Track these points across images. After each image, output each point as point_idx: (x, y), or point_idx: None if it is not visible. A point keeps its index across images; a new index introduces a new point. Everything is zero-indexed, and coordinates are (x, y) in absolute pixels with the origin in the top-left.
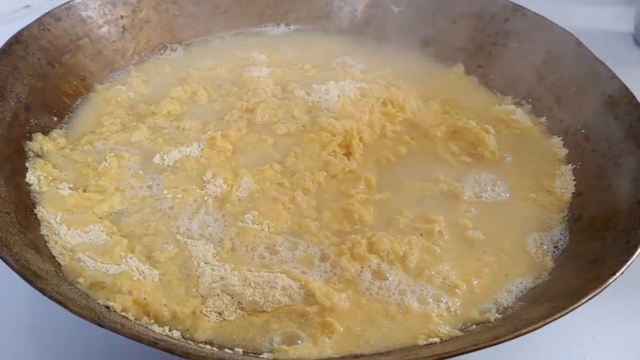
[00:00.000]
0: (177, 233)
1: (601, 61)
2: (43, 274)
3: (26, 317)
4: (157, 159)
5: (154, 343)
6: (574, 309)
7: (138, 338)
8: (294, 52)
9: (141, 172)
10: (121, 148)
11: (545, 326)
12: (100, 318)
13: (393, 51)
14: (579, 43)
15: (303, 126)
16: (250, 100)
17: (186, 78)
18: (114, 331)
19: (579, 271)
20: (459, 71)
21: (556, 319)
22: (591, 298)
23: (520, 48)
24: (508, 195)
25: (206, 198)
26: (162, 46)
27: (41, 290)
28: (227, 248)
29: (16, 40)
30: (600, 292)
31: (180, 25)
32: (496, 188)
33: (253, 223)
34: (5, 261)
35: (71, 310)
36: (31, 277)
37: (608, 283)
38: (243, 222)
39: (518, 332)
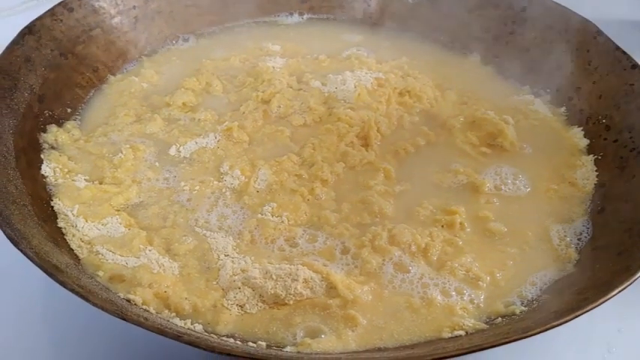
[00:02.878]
0: (195, 225)
1: (622, 50)
2: (63, 267)
3: (40, 309)
4: (172, 151)
5: (177, 336)
6: (605, 301)
7: (161, 332)
8: (308, 43)
9: (157, 163)
10: (136, 139)
11: (567, 321)
12: (122, 311)
13: (407, 41)
14: (599, 32)
15: (319, 117)
16: (265, 91)
17: (199, 69)
18: (137, 325)
19: (606, 262)
20: (476, 61)
21: (587, 311)
22: (622, 289)
23: (538, 37)
24: (529, 186)
25: (224, 190)
26: (175, 37)
27: (62, 283)
28: (247, 240)
29: (28, 30)
30: (631, 284)
31: (192, 16)
32: (517, 181)
33: (272, 215)
34: (25, 254)
35: (93, 304)
36: (51, 270)
37: (638, 275)
38: (262, 214)
39: (550, 325)
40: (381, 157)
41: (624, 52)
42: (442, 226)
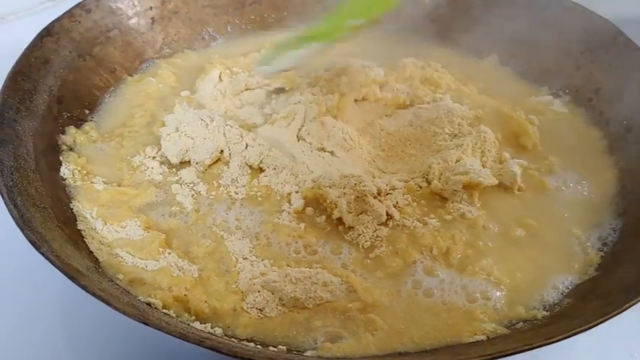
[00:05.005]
0: (213, 224)
1: None
2: (84, 270)
3: (59, 311)
4: None
5: (199, 341)
6: (630, 306)
7: (183, 337)
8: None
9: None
10: (153, 140)
11: (593, 327)
12: (144, 316)
13: (425, 42)
14: (619, 32)
15: None
16: None
17: (216, 70)
18: (159, 329)
19: (628, 266)
20: (494, 61)
21: (612, 316)
22: None
23: (557, 38)
24: (549, 189)
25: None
26: (191, 38)
27: (84, 287)
28: (263, 244)
29: (47, 32)
30: None
31: (209, 16)
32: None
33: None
34: (47, 258)
35: (115, 308)
36: (73, 274)
37: None
38: (279, 219)
39: (574, 331)
40: None
41: None
42: (464, 228)
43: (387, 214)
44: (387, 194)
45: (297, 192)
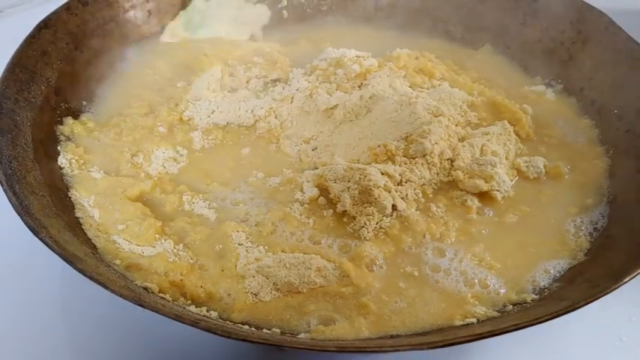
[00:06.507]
0: (209, 212)
1: (634, 40)
2: (82, 255)
3: (58, 297)
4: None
5: (194, 322)
6: (615, 288)
7: (179, 318)
8: (316, 39)
9: (172, 153)
10: (150, 130)
11: (579, 308)
12: (140, 298)
13: (419, 33)
14: (611, 22)
15: None
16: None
17: (213, 61)
18: (155, 311)
19: (616, 252)
20: (487, 51)
21: (598, 298)
22: (633, 277)
23: (549, 28)
24: (542, 176)
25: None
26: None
27: (81, 271)
28: (267, 232)
29: (44, 24)
30: None
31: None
32: (530, 169)
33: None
34: (45, 243)
35: (112, 291)
36: (70, 258)
37: None
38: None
39: (560, 312)
40: None
41: (637, 43)
42: (457, 214)
43: (393, 206)
44: (399, 184)
45: (308, 181)
